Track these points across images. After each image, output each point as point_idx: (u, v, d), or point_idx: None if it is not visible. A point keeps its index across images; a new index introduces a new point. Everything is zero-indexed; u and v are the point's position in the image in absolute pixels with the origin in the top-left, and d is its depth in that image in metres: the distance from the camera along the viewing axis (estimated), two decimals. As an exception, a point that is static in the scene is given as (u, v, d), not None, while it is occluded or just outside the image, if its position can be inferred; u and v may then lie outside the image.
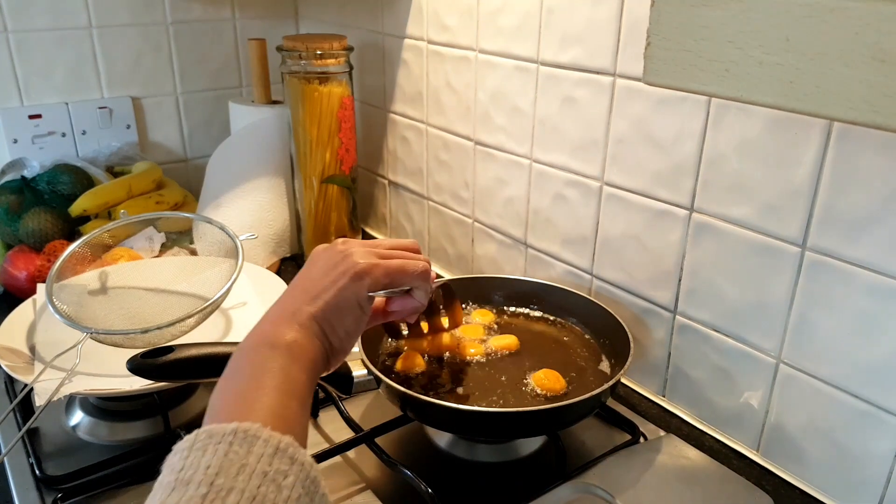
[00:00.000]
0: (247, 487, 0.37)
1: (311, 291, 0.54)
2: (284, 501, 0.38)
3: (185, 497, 0.36)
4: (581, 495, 0.64)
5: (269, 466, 0.39)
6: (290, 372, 0.48)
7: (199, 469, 0.38)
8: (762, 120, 0.64)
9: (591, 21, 0.77)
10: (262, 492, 0.37)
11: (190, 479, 0.37)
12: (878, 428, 0.61)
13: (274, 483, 0.38)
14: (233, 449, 0.39)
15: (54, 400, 0.67)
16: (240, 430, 0.40)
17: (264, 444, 0.39)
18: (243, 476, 0.37)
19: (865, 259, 0.59)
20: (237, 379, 0.47)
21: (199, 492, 0.36)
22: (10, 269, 0.98)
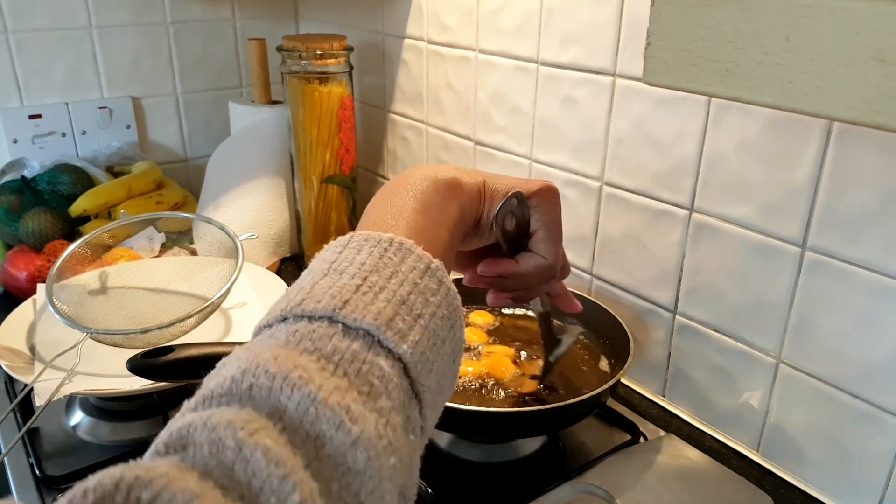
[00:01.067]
0: (398, 291, 0.37)
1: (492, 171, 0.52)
2: (430, 316, 0.38)
3: (339, 283, 0.37)
4: (581, 495, 0.64)
5: (420, 280, 0.38)
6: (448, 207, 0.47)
7: (353, 263, 0.38)
8: (762, 120, 0.64)
9: (591, 21, 0.77)
10: (411, 299, 0.37)
11: (344, 269, 0.38)
12: (878, 428, 0.61)
13: (422, 295, 0.38)
14: (387, 254, 0.39)
15: (54, 400, 0.67)
16: (395, 240, 0.39)
17: (417, 258, 0.39)
18: (395, 280, 0.37)
19: (865, 259, 0.59)
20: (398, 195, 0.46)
21: (353, 281, 0.37)
22: (10, 269, 0.98)
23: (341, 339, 0.34)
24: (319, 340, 0.34)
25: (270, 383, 0.31)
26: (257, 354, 0.32)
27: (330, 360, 0.33)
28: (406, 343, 0.35)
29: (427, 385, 0.36)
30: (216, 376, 0.33)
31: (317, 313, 0.35)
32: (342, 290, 0.36)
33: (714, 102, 0.68)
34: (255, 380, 0.31)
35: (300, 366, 0.32)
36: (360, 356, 0.34)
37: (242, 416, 0.30)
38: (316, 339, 0.34)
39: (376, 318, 0.35)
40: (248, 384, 0.31)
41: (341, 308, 0.35)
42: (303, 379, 0.31)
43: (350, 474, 0.30)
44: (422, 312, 0.37)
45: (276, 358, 0.32)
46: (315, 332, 0.34)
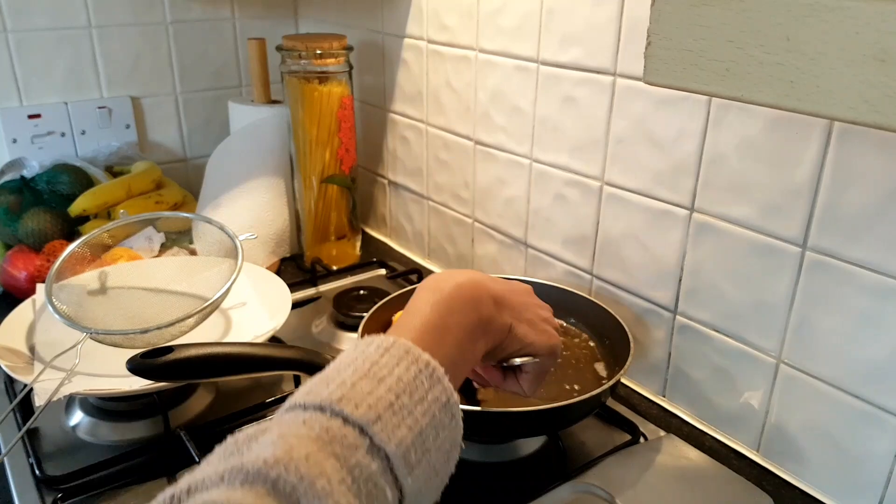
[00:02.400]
0: (420, 420, 0.41)
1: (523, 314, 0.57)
2: (435, 451, 0.41)
3: (377, 392, 0.40)
4: (581, 495, 0.64)
5: (439, 412, 0.42)
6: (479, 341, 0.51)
7: (392, 374, 0.42)
8: (763, 120, 0.64)
9: (591, 20, 0.77)
10: (426, 431, 0.41)
11: (383, 378, 0.41)
12: (878, 428, 0.61)
13: (436, 429, 0.42)
14: (420, 377, 0.42)
15: (54, 400, 0.67)
16: (431, 364, 0.43)
17: (442, 390, 0.43)
18: (420, 409, 0.41)
19: (866, 259, 0.59)
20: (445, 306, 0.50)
21: (388, 396, 0.40)
22: (9, 269, 0.98)
23: (365, 454, 0.38)
24: (348, 449, 0.37)
25: (297, 482, 0.34)
26: (292, 447, 0.36)
27: (351, 473, 0.37)
28: (411, 476, 0.39)
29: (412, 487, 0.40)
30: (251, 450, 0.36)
31: (352, 419, 0.39)
32: (378, 401, 0.40)
33: (715, 102, 0.68)
34: (284, 473, 0.34)
35: (325, 475, 0.35)
36: (374, 479, 0.37)
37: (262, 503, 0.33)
38: (346, 447, 0.37)
39: (398, 445, 0.39)
40: (276, 474, 0.34)
41: (374, 422, 0.39)
42: (325, 491, 0.35)
43: None
44: (430, 447, 0.41)
45: (307, 457, 0.36)
46: (346, 438, 0.38)
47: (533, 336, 0.56)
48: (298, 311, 0.99)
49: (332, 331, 0.94)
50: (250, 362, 0.64)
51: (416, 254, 1.20)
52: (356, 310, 0.94)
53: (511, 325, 0.55)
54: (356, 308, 0.95)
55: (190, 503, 0.33)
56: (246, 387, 0.83)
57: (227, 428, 0.75)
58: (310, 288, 1.07)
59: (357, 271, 1.12)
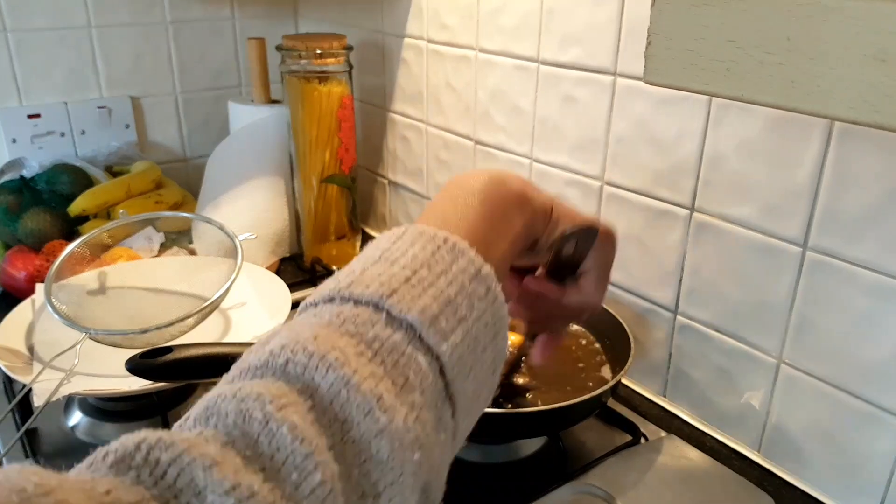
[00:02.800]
0: (446, 290, 0.36)
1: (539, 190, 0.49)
2: (474, 321, 0.37)
3: (390, 271, 0.36)
4: (582, 496, 0.64)
5: (469, 283, 0.37)
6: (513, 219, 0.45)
7: (406, 254, 0.38)
8: (763, 120, 0.64)
9: (591, 20, 0.76)
10: (457, 300, 0.36)
11: (395, 259, 0.37)
12: (879, 428, 0.61)
13: (468, 299, 0.37)
14: (440, 252, 0.38)
15: (53, 400, 0.67)
16: (450, 240, 0.39)
17: (469, 262, 0.38)
18: (444, 279, 0.37)
19: (866, 259, 0.59)
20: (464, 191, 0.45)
21: (403, 272, 0.36)
22: (8, 268, 0.98)
23: (384, 327, 0.34)
24: (362, 325, 0.34)
25: (307, 361, 0.31)
26: (298, 332, 0.33)
27: (370, 346, 0.33)
28: (446, 343, 0.35)
29: (462, 390, 0.36)
30: (256, 351, 0.33)
31: (363, 298, 0.35)
32: (391, 279, 0.36)
33: (715, 102, 0.67)
34: (292, 355, 0.31)
35: (338, 347, 0.32)
36: (400, 348, 0.33)
37: (273, 389, 0.30)
38: (359, 324, 0.34)
39: (421, 312, 0.35)
40: (284, 359, 0.32)
41: (388, 296, 0.35)
42: (339, 361, 0.31)
43: (372, 463, 0.30)
44: (466, 316, 0.36)
45: (316, 337, 0.32)
46: (359, 317, 0.34)
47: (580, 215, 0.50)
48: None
49: (331, 331, 0.94)
50: (250, 363, 0.64)
51: (416, 254, 1.20)
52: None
53: (553, 201, 0.48)
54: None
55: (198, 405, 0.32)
56: (245, 387, 0.83)
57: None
58: (309, 288, 1.07)
59: (357, 271, 1.12)
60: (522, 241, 0.46)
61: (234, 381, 0.32)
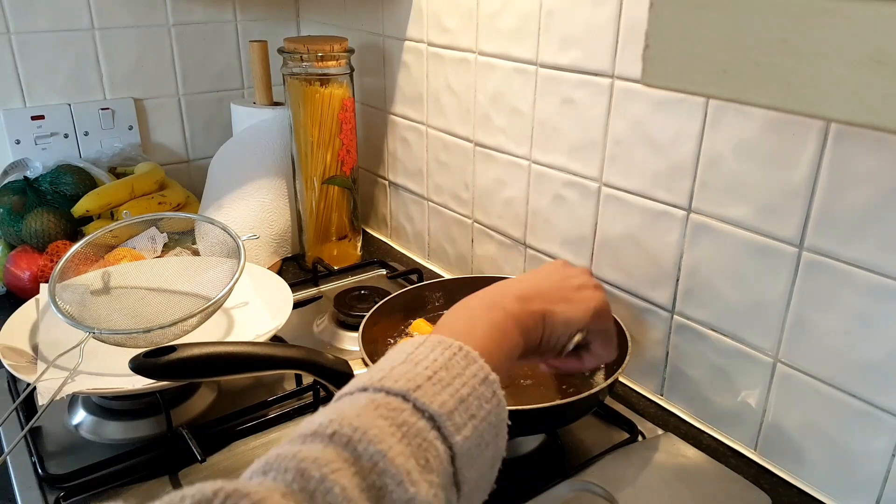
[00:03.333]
0: (460, 390, 0.43)
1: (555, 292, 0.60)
2: (481, 420, 0.43)
3: (415, 370, 0.43)
4: (579, 493, 0.64)
5: (479, 386, 0.44)
6: (513, 338, 0.54)
7: (427, 358, 0.45)
8: (760, 121, 0.64)
9: (589, 23, 0.77)
10: (469, 400, 0.43)
11: (419, 361, 0.44)
12: (875, 427, 0.61)
13: (478, 400, 0.44)
14: (455, 358, 0.45)
15: (57, 399, 0.68)
16: (463, 348, 0.46)
17: (479, 368, 0.45)
18: (459, 381, 0.44)
19: (862, 259, 0.60)
20: (469, 312, 0.54)
21: (426, 372, 0.43)
22: (13, 269, 0.99)
23: (411, 414, 0.40)
24: (394, 411, 0.40)
25: (351, 433, 0.37)
26: (343, 411, 0.39)
27: (400, 428, 0.39)
28: (459, 436, 0.41)
29: (467, 479, 0.42)
30: (306, 424, 0.40)
31: (393, 390, 0.42)
32: (416, 376, 0.43)
33: (712, 103, 0.68)
34: (339, 428, 0.38)
35: (377, 426, 0.38)
36: (423, 434, 0.40)
37: (326, 454, 0.36)
38: (391, 410, 0.40)
39: (441, 406, 0.41)
40: (332, 430, 0.38)
41: (414, 390, 0.42)
42: (378, 437, 0.38)
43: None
44: (475, 414, 0.43)
45: (358, 416, 0.39)
46: (391, 404, 0.41)
47: (570, 312, 0.59)
48: (300, 310, 0.99)
49: (333, 330, 0.95)
50: (252, 361, 0.65)
51: (417, 254, 1.20)
52: (357, 309, 0.94)
53: (544, 312, 0.57)
54: (357, 308, 0.95)
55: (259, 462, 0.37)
56: (248, 386, 0.84)
57: (230, 426, 0.76)
58: (311, 288, 1.07)
59: (358, 271, 1.13)
60: (520, 350, 0.55)
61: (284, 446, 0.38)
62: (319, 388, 0.79)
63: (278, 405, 0.79)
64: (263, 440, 0.75)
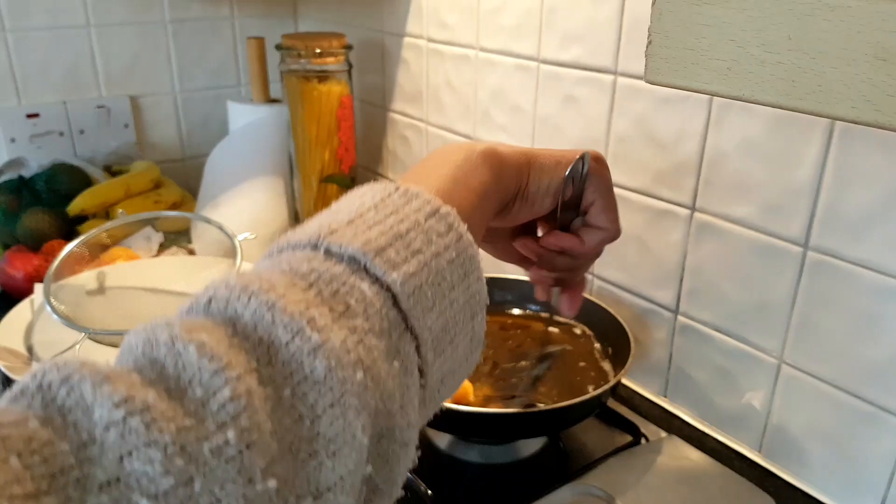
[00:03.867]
0: (396, 226, 0.34)
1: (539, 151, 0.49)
2: (433, 255, 0.34)
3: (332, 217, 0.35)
4: (582, 497, 0.64)
5: (424, 221, 0.35)
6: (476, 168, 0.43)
7: (352, 204, 0.36)
8: (764, 119, 0.64)
9: (592, 19, 0.76)
10: (409, 235, 0.34)
11: (340, 209, 0.36)
12: (880, 429, 0.61)
13: (425, 234, 0.35)
14: (391, 198, 0.36)
15: (51, 401, 0.67)
16: (402, 187, 0.37)
17: (424, 202, 0.36)
18: (394, 217, 0.35)
19: (868, 259, 0.59)
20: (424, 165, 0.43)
21: (346, 217, 0.35)
22: (7, 268, 0.98)
23: (321, 262, 0.32)
24: (296, 262, 0.32)
25: (228, 294, 0.30)
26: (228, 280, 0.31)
27: (304, 278, 0.31)
28: (396, 272, 0.33)
29: (426, 324, 0.33)
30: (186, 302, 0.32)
31: (300, 243, 0.33)
32: (331, 222, 0.34)
33: (716, 101, 0.67)
34: (213, 293, 0.30)
35: (265, 279, 0.30)
36: (340, 278, 0.31)
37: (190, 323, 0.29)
38: (292, 261, 0.32)
39: (364, 245, 0.33)
40: (207, 298, 0.30)
41: (327, 236, 0.33)
42: (262, 288, 0.29)
43: (307, 383, 0.29)
44: (421, 249, 0.34)
45: (241, 275, 0.31)
46: (294, 256, 0.32)
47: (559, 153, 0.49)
48: (298, 311, 0.99)
49: (331, 331, 0.94)
50: (249, 363, 0.64)
51: (416, 253, 1.20)
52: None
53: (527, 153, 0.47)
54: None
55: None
56: (245, 387, 0.83)
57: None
58: (309, 288, 1.07)
59: (357, 271, 1.12)
60: (497, 194, 0.44)
61: None
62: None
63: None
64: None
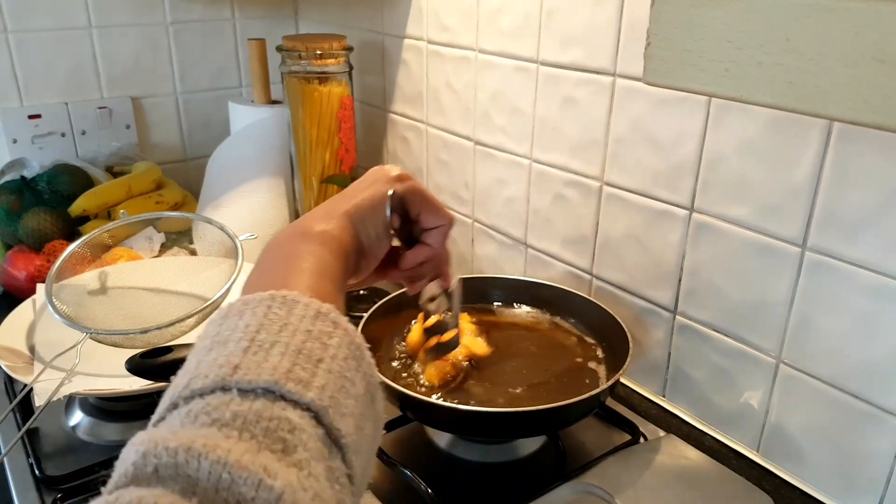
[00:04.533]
0: (291, 342, 0.35)
1: (348, 194, 0.53)
2: (331, 358, 0.35)
3: (226, 352, 0.34)
4: (581, 495, 0.64)
5: (313, 326, 0.36)
6: (322, 256, 0.45)
7: (237, 329, 0.36)
8: (762, 120, 0.64)
9: (591, 21, 0.77)
10: (308, 346, 0.35)
11: (228, 338, 0.35)
12: (878, 428, 0.61)
13: (319, 341, 0.36)
14: (272, 311, 0.37)
15: (54, 400, 0.67)
16: (277, 295, 0.37)
17: (305, 307, 0.37)
18: (286, 332, 0.35)
19: (865, 259, 0.59)
20: (268, 262, 0.45)
21: (240, 346, 0.34)
22: (9, 269, 0.98)
23: (240, 403, 0.32)
24: (216, 411, 0.31)
25: (174, 459, 0.29)
26: (153, 436, 0.30)
27: (232, 426, 0.31)
28: (311, 391, 0.33)
29: (344, 430, 0.34)
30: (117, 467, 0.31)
31: (206, 388, 0.33)
32: (229, 357, 0.34)
33: (714, 102, 0.68)
34: (157, 460, 0.29)
35: (202, 436, 0.30)
36: (265, 414, 0.31)
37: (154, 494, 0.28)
38: (211, 412, 0.31)
39: (272, 373, 0.33)
40: (152, 467, 0.29)
41: (232, 374, 0.33)
42: (207, 447, 0.29)
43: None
44: (322, 357, 0.35)
45: (174, 434, 0.30)
46: (209, 405, 0.32)
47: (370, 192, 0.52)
48: (298, 311, 0.99)
49: (332, 331, 0.94)
50: (250, 362, 0.64)
51: (416, 254, 1.20)
52: (356, 309, 0.94)
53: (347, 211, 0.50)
54: (356, 308, 0.94)
55: None
56: (246, 387, 0.83)
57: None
58: (310, 288, 1.07)
59: (357, 271, 1.12)
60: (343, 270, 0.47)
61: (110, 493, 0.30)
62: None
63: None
64: (262, 441, 0.74)
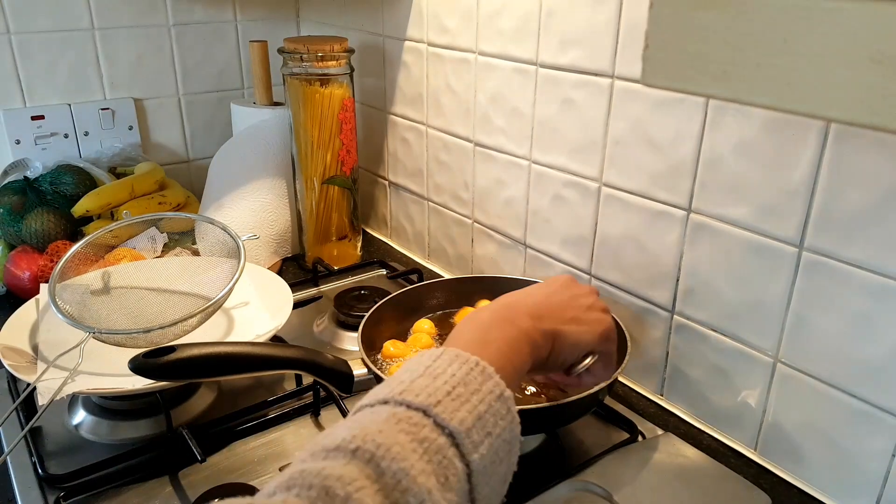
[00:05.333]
0: (477, 407, 0.44)
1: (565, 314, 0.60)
2: (496, 437, 0.44)
3: (434, 386, 0.44)
4: (579, 493, 0.64)
5: (495, 402, 0.45)
6: (522, 350, 0.54)
7: (446, 373, 0.45)
8: (760, 121, 0.64)
9: (589, 23, 0.77)
10: (486, 417, 0.44)
11: (438, 375, 0.45)
12: (875, 426, 0.62)
13: (494, 417, 0.44)
14: (472, 374, 0.46)
15: (57, 399, 0.68)
16: (481, 363, 0.47)
17: (495, 384, 0.46)
18: (476, 397, 0.44)
19: (862, 259, 0.60)
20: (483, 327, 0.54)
21: (444, 387, 0.44)
22: (13, 269, 0.99)
23: (431, 430, 0.41)
24: (415, 426, 0.41)
25: (374, 450, 0.38)
26: (365, 425, 0.40)
27: (421, 444, 0.40)
28: (477, 454, 0.42)
29: (482, 496, 0.42)
30: (328, 436, 0.40)
31: (414, 404, 0.42)
32: (436, 391, 0.43)
33: (712, 104, 0.68)
34: (362, 444, 0.38)
35: (399, 442, 0.39)
36: (444, 451, 0.40)
37: (350, 472, 0.37)
38: (412, 425, 0.41)
39: (460, 423, 0.42)
40: (355, 446, 0.38)
41: (435, 406, 0.42)
42: (400, 455, 0.38)
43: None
44: (491, 431, 0.44)
45: (380, 431, 0.40)
46: (412, 419, 0.41)
47: (579, 333, 0.60)
48: (300, 310, 0.99)
49: (333, 330, 0.95)
50: (252, 362, 0.65)
51: (417, 254, 1.20)
52: (357, 309, 0.95)
53: (555, 332, 0.58)
54: (357, 308, 0.95)
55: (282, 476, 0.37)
56: (248, 386, 0.84)
57: (230, 426, 0.76)
58: (311, 288, 1.08)
59: (358, 271, 1.13)
60: (528, 366, 0.55)
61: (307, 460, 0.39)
62: (319, 388, 0.79)
63: (278, 405, 0.79)
64: (263, 440, 0.75)
